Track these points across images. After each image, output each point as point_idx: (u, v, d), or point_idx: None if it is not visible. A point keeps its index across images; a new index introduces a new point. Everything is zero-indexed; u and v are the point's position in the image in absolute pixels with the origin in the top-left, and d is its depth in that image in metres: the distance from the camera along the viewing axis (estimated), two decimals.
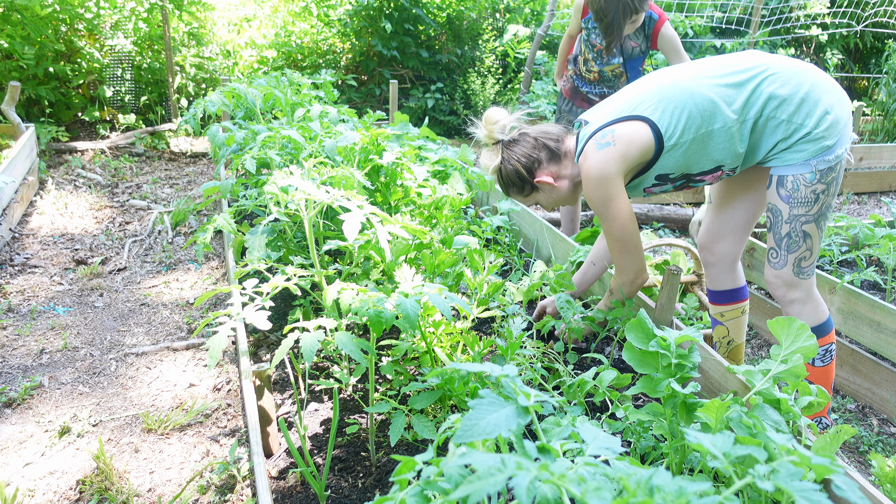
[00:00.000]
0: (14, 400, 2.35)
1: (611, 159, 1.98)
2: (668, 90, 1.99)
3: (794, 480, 0.83)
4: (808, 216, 1.99)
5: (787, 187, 1.98)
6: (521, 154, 2.20)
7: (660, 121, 1.97)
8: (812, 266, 2.08)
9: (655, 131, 1.98)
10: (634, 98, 2.04)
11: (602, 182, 2.00)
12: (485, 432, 0.85)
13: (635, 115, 2.00)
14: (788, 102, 1.92)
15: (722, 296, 2.36)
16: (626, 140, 1.98)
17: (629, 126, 1.99)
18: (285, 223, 2.45)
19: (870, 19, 7.83)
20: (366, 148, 2.71)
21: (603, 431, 1.04)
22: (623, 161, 1.99)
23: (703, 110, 1.95)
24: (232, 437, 2.20)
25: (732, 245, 2.30)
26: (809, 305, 2.12)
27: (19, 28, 5.25)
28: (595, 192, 2.03)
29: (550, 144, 2.21)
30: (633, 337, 1.63)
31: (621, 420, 1.89)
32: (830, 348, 2.16)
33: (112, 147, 5.64)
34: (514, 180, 2.23)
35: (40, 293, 3.17)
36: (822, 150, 1.92)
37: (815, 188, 1.95)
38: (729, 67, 2.00)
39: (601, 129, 2.03)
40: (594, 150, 2.01)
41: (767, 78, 1.94)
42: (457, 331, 2.05)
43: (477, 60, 7.10)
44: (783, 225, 2.02)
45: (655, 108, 1.98)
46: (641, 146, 1.98)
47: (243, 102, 3.61)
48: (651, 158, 2.02)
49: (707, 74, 2.00)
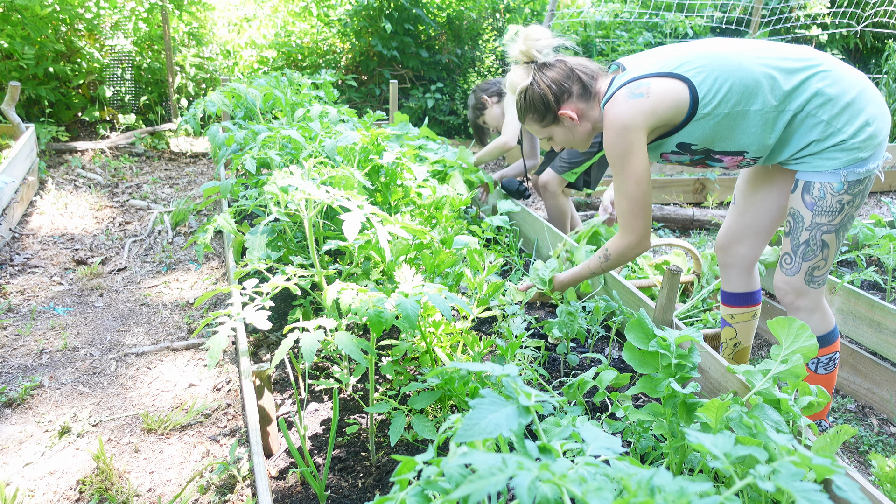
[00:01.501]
0: (14, 400, 2.35)
1: (640, 111, 1.90)
2: (716, 58, 1.91)
3: (795, 481, 0.83)
4: (830, 226, 1.94)
5: (812, 194, 1.92)
6: (553, 80, 2.06)
7: (700, 85, 1.89)
8: (824, 276, 2.03)
9: (693, 95, 1.90)
10: (680, 57, 1.94)
11: (625, 132, 1.91)
12: (486, 432, 0.85)
13: (677, 73, 1.91)
14: (833, 104, 1.85)
15: (734, 298, 2.33)
16: (659, 95, 1.89)
17: (667, 83, 1.91)
18: (285, 223, 2.45)
19: (870, 19, 7.84)
20: (366, 148, 2.71)
21: (603, 431, 1.04)
22: (652, 116, 1.90)
23: (745, 87, 1.88)
24: (232, 437, 2.20)
25: (751, 248, 2.25)
26: (817, 315, 2.08)
27: (19, 28, 5.25)
28: (616, 140, 1.94)
29: (584, 79, 2.08)
30: (633, 337, 1.63)
31: (621, 420, 1.89)
32: (834, 357, 2.14)
33: (112, 147, 5.64)
34: (538, 106, 2.09)
35: (40, 293, 3.17)
36: (854, 161, 1.86)
37: (841, 198, 1.90)
38: (784, 52, 1.93)
39: (637, 80, 1.93)
40: (624, 98, 1.92)
41: (819, 73, 1.87)
42: (457, 331, 2.05)
43: (477, 60, 7.10)
44: (803, 231, 1.97)
45: (699, 72, 1.90)
46: (675, 106, 1.90)
47: (243, 102, 3.61)
48: (680, 122, 1.94)
49: (760, 53, 1.92)
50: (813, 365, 2.13)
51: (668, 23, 6.93)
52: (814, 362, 2.13)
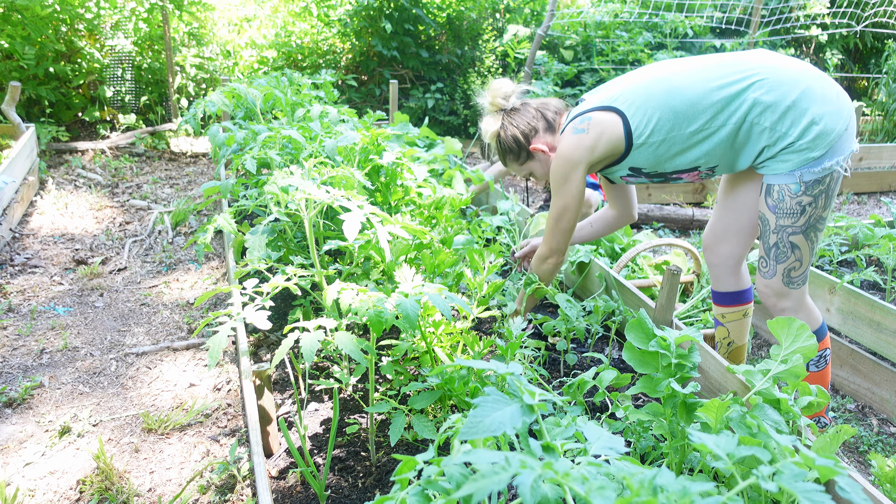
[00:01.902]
0: (14, 400, 2.35)
1: (580, 146, 2.10)
2: (654, 86, 2.04)
3: (797, 482, 0.83)
4: (795, 227, 1.98)
5: (773, 196, 1.98)
6: (521, 122, 2.33)
7: (632, 118, 2.04)
8: (803, 276, 2.07)
9: (626, 127, 2.05)
10: (623, 88, 2.10)
11: (566, 163, 2.14)
12: (490, 430, 0.85)
13: (614, 107, 2.08)
14: (772, 110, 1.91)
15: (724, 297, 2.35)
16: (598, 131, 2.08)
17: (605, 116, 2.08)
18: (285, 223, 2.45)
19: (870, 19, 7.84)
20: (366, 148, 2.71)
21: (606, 431, 1.04)
22: (591, 151, 2.09)
23: (678, 113, 1.99)
24: (232, 437, 2.20)
25: (736, 247, 2.28)
26: (801, 314, 2.11)
27: (20, 28, 5.25)
28: (558, 168, 2.16)
29: (549, 115, 2.34)
30: (633, 337, 1.63)
31: (621, 420, 1.89)
32: (825, 354, 2.17)
33: (112, 147, 5.64)
34: (511, 146, 2.35)
35: (40, 293, 3.17)
36: (806, 161, 1.90)
37: (800, 200, 1.94)
38: (724, 68, 2.00)
39: (582, 115, 2.13)
40: (570, 133, 2.14)
41: (756, 83, 1.93)
42: (457, 331, 2.04)
43: (477, 60, 7.10)
44: (771, 234, 2.02)
45: (632, 104, 2.05)
46: (612, 139, 2.07)
47: (243, 102, 3.61)
48: (623, 152, 2.10)
49: (700, 74, 2.01)
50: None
51: (668, 23, 6.93)
52: None
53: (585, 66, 7.01)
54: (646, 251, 3.18)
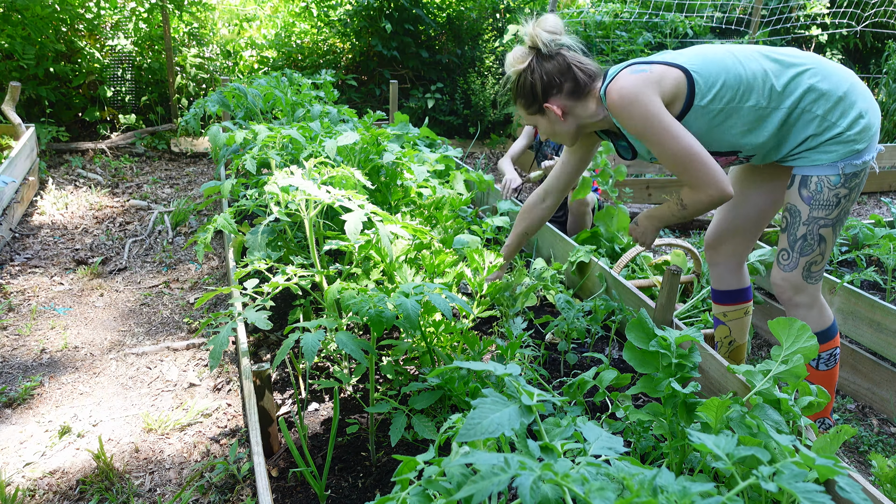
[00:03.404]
0: (14, 400, 2.35)
1: (647, 82, 1.89)
2: (712, 55, 1.96)
3: (797, 482, 0.83)
4: (827, 220, 1.96)
5: (810, 188, 1.94)
6: (547, 72, 2.07)
7: (697, 76, 1.91)
8: (821, 272, 2.06)
9: (690, 85, 1.91)
10: (677, 54, 1.99)
11: (638, 98, 1.88)
12: (488, 431, 0.85)
13: (675, 63, 1.93)
14: (827, 98, 1.89)
15: (725, 296, 2.35)
16: (661, 73, 1.91)
17: (667, 69, 1.93)
18: (286, 223, 2.45)
19: (870, 19, 7.83)
20: (366, 148, 2.71)
21: (605, 431, 1.04)
22: (658, 86, 1.89)
23: (740, 82, 1.91)
24: (232, 437, 2.20)
25: (739, 246, 2.26)
26: (815, 310, 2.10)
27: (20, 28, 5.25)
28: (633, 110, 1.89)
29: (580, 77, 2.08)
30: (633, 337, 1.63)
31: (621, 420, 1.89)
32: (835, 352, 2.15)
33: (112, 147, 5.64)
34: (526, 93, 2.12)
35: (41, 293, 3.17)
36: (851, 153, 1.89)
37: (838, 192, 1.93)
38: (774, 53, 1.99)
39: (635, 63, 1.97)
40: (628, 74, 1.92)
41: (809, 70, 1.92)
42: (457, 331, 2.04)
43: (477, 60, 7.09)
44: (801, 226, 1.99)
45: (696, 65, 1.93)
46: (676, 87, 1.91)
47: (244, 102, 3.61)
48: (679, 112, 1.94)
49: (753, 54, 1.97)
50: (814, 362, 2.14)
51: (668, 23, 6.93)
52: (814, 360, 2.13)
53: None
54: (645, 251, 3.18)
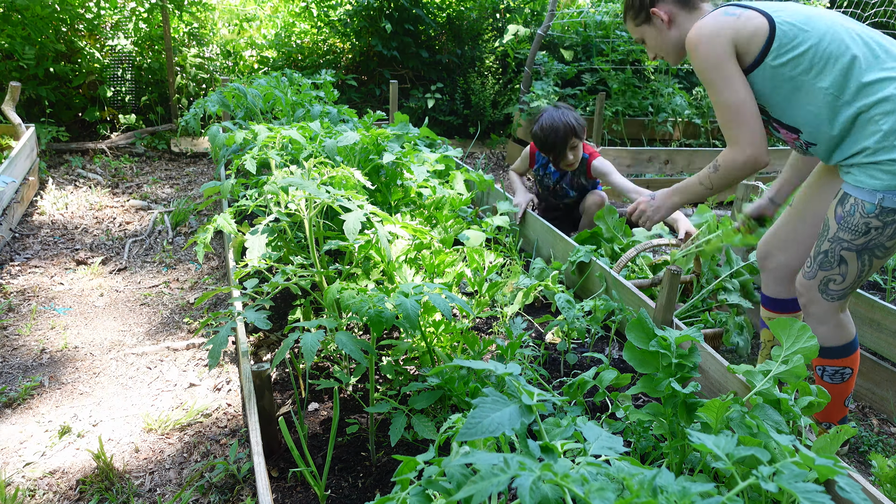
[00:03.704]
0: (14, 400, 2.35)
1: (726, 25, 1.90)
2: (814, 20, 1.89)
3: (797, 482, 0.83)
4: (851, 245, 1.88)
5: (845, 207, 1.87)
6: None
7: (780, 33, 1.88)
8: (841, 292, 1.97)
9: (769, 38, 1.88)
10: (785, 5, 1.96)
11: (709, 41, 1.90)
12: (488, 430, 0.85)
13: (768, 13, 1.91)
14: (890, 101, 1.77)
15: (771, 303, 2.28)
16: (746, 20, 1.90)
17: (756, 15, 1.91)
18: (285, 223, 2.45)
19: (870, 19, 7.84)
20: (366, 148, 2.71)
21: (605, 431, 1.04)
22: (736, 34, 1.90)
23: (823, 56, 1.84)
24: (232, 437, 2.19)
25: (793, 259, 2.19)
26: (825, 327, 2.02)
27: (20, 28, 5.25)
28: (700, 51, 1.92)
29: None
30: (633, 337, 1.63)
31: (621, 420, 1.89)
32: (843, 371, 2.08)
33: (112, 147, 5.64)
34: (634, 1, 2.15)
35: (40, 293, 3.17)
36: (894, 186, 1.77)
37: (869, 221, 1.83)
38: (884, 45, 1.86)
39: (732, 5, 1.97)
40: (715, 15, 1.95)
41: None
42: (457, 330, 2.05)
43: (477, 60, 7.09)
44: (825, 241, 1.94)
45: (787, 23, 1.89)
46: (753, 36, 1.89)
47: (244, 102, 3.61)
48: (749, 63, 1.92)
49: (867, 34, 1.87)
50: (819, 371, 2.10)
51: None
52: (820, 369, 2.10)
53: (585, 66, 7.01)
54: (645, 251, 3.18)
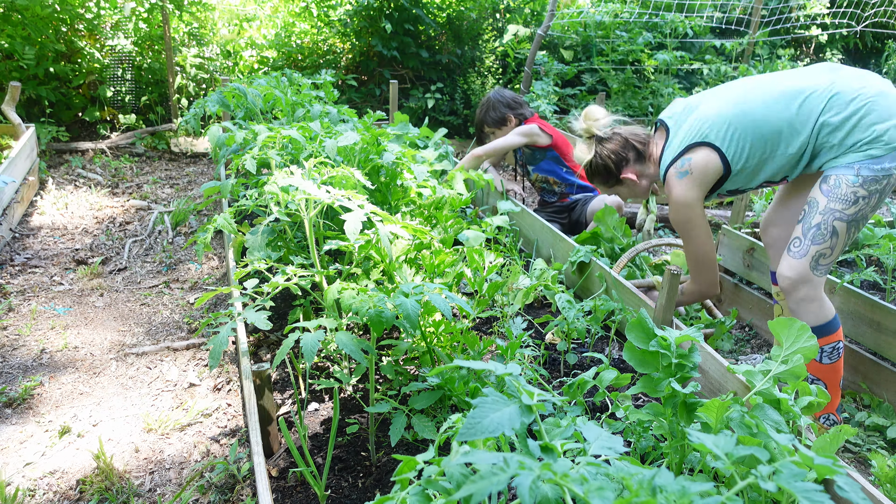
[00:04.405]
0: (14, 400, 2.35)
1: (691, 187, 2.27)
2: (737, 119, 2.21)
3: (796, 481, 0.83)
4: (843, 214, 2.08)
5: (829, 183, 2.10)
6: (612, 151, 2.49)
7: (727, 150, 2.21)
8: (828, 267, 2.15)
9: (724, 159, 2.22)
10: (707, 121, 2.26)
11: (685, 208, 2.29)
12: (488, 430, 0.85)
13: (707, 142, 2.24)
14: (840, 129, 2.08)
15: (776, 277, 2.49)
16: (700, 169, 2.25)
17: (702, 154, 2.24)
18: (285, 223, 2.45)
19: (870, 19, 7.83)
20: (366, 148, 2.71)
21: (605, 431, 1.04)
22: (701, 187, 2.27)
23: (766, 140, 2.18)
24: (232, 437, 2.20)
25: (786, 231, 2.48)
26: (815, 304, 2.17)
27: (20, 28, 5.25)
28: (678, 216, 2.32)
29: (638, 146, 2.50)
30: (633, 337, 1.63)
31: (621, 420, 1.89)
32: (838, 346, 2.20)
33: (112, 147, 5.64)
34: (601, 173, 2.53)
35: (40, 293, 3.17)
36: (867, 157, 2.04)
37: (855, 191, 2.06)
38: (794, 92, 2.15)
39: (679, 158, 2.29)
40: (676, 180, 2.29)
41: (827, 103, 2.09)
42: (457, 330, 2.05)
43: (477, 60, 7.09)
44: (816, 215, 2.12)
45: (724, 138, 2.21)
46: (713, 172, 2.25)
47: (244, 102, 3.61)
48: (721, 178, 2.28)
49: (774, 102, 2.17)
50: (818, 355, 2.16)
51: (668, 23, 6.93)
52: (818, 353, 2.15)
53: (585, 66, 7.01)
54: (645, 251, 3.18)
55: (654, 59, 6.61)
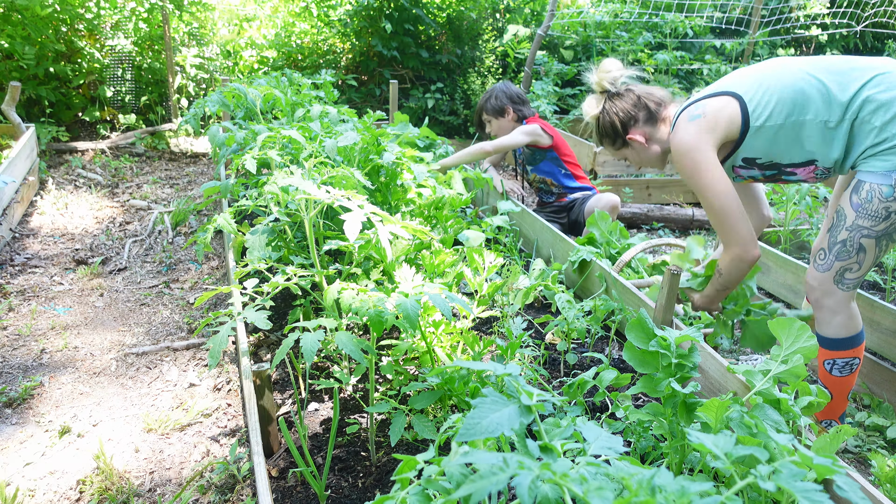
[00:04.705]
0: (14, 400, 2.35)
1: (700, 130, 2.04)
2: (768, 76, 2.03)
3: (796, 481, 0.83)
4: (871, 231, 1.91)
5: (860, 195, 1.91)
6: (621, 109, 2.31)
7: (749, 100, 2.01)
8: (856, 281, 2.00)
9: (743, 109, 2.01)
10: (736, 78, 2.10)
11: (692, 152, 2.05)
12: (487, 431, 0.85)
13: (727, 91, 2.06)
14: (885, 109, 1.86)
15: None
16: (714, 112, 2.04)
17: (720, 100, 2.05)
18: (285, 223, 2.45)
19: (870, 19, 7.83)
20: (366, 148, 2.71)
21: (605, 431, 1.04)
22: (712, 132, 2.03)
23: (795, 99, 1.96)
24: (232, 436, 2.20)
25: None
26: (840, 317, 2.04)
27: (20, 28, 5.25)
28: (685, 161, 2.08)
29: (651, 106, 2.30)
30: (633, 337, 1.63)
31: (621, 420, 1.89)
32: (852, 362, 2.10)
33: (112, 147, 5.64)
34: (608, 131, 2.35)
35: (41, 293, 3.17)
36: None
37: (888, 205, 1.87)
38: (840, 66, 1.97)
39: (694, 103, 2.10)
40: (685, 123, 2.09)
41: (873, 79, 1.90)
42: (457, 331, 2.05)
43: (477, 60, 7.10)
44: (843, 231, 1.96)
45: (748, 89, 2.03)
46: (730, 119, 2.03)
47: (243, 102, 3.61)
48: (739, 137, 2.05)
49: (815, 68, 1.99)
50: (829, 366, 2.11)
51: (668, 23, 6.94)
52: (829, 363, 2.10)
53: (585, 66, 7.00)
54: (645, 251, 3.19)
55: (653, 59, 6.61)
